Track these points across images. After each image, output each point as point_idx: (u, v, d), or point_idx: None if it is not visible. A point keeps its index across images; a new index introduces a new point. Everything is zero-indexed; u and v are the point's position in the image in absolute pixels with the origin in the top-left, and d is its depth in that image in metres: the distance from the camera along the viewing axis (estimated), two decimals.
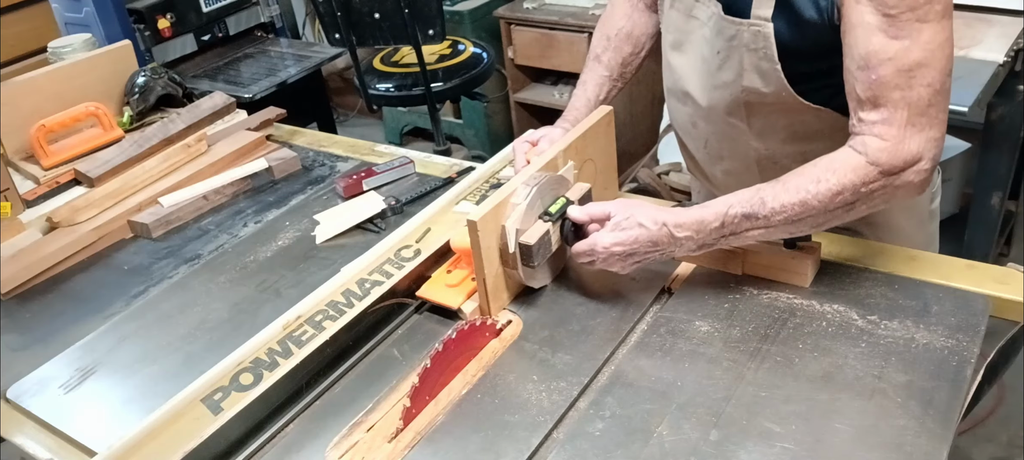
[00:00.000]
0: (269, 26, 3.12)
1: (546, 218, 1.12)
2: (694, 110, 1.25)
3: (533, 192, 1.11)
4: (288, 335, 1.12)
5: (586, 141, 1.25)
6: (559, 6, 3.22)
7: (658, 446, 0.91)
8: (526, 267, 1.11)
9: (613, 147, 1.34)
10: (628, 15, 1.38)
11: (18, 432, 1.12)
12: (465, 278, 1.18)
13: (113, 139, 1.77)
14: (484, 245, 1.08)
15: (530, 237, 1.09)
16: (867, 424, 0.90)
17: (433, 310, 1.19)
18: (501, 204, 1.09)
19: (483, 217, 1.06)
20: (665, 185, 3.00)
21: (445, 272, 1.22)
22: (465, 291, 1.17)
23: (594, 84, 1.36)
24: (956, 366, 0.97)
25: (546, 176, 1.14)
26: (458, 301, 1.16)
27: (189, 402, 1.03)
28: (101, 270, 1.45)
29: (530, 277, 1.15)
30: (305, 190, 1.62)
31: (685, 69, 1.24)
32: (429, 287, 1.20)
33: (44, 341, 1.27)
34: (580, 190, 1.18)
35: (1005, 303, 1.08)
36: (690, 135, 1.32)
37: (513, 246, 1.10)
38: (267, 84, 2.70)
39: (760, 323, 1.07)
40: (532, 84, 3.53)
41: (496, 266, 1.12)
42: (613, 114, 1.30)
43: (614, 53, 1.37)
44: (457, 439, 0.96)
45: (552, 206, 1.13)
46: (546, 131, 1.32)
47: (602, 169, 1.32)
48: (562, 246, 1.15)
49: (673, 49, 1.26)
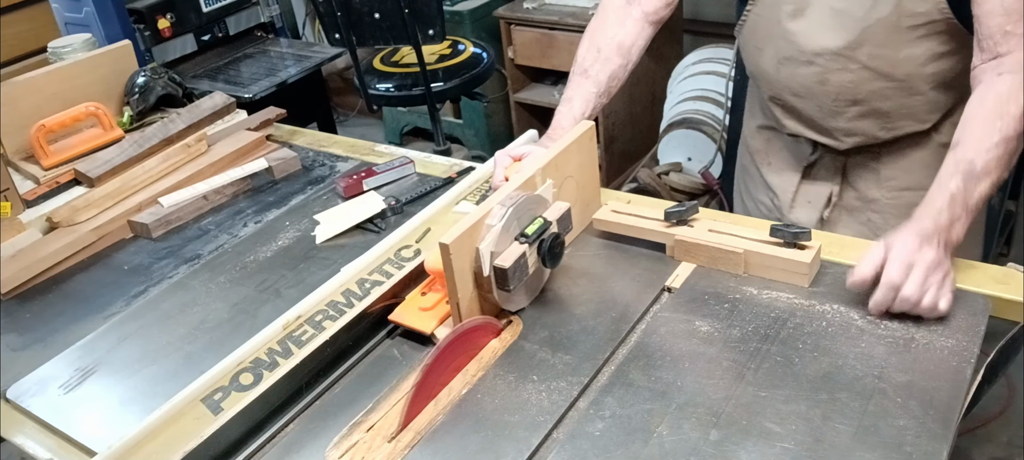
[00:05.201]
0: (269, 26, 3.12)
1: (523, 240, 1.07)
2: (825, 65, 1.27)
3: (509, 213, 1.06)
4: (288, 335, 1.12)
5: (566, 157, 1.22)
6: (559, 6, 3.22)
7: (658, 446, 0.91)
8: (502, 291, 1.07)
9: (595, 163, 1.31)
10: (621, 23, 1.36)
11: (18, 432, 1.12)
12: (439, 301, 1.13)
13: (113, 139, 1.77)
14: (457, 268, 1.03)
15: (505, 260, 1.04)
16: (867, 424, 0.90)
17: (406, 335, 1.15)
18: (475, 226, 1.05)
19: (456, 240, 1.02)
20: (665, 185, 3.00)
21: (419, 294, 1.16)
22: (439, 315, 1.12)
23: (581, 100, 1.33)
24: (956, 366, 0.97)
25: (523, 196, 1.10)
26: (431, 326, 1.11)
27: (189, 402, 1.03)
28: (101, 270, 1.45)
29: (506, 301, 1.10)
30: (305, 190, 1.62)
31: (811, 30, 1.26)
32: (402, 310, 1.15)
33: (44, 341, 1.27)
34: (559, 210, 1.14)
35: (1005, 303, 1.08)
36: (814, 94, 1.31)
37: (488, 269, 1.05)
38: (267, 84, 2.70)
39: (760, 323, 1.07)
40: (532, 84, 3.53)
41: (470, 290, 1.07)
42: (594, 129, 1.28)
43: (603, 66, 1.35)
44: (457, 439, 0.96)
45: (529, 227, 1.08)
46: (531, 150, 1.30)
47: (583, 185, 1.28)
48: (540, 268, 1.11)
49: (793, 18, 1.28)
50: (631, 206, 1.30)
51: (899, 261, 1.00)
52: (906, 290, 1.00)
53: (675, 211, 1.21)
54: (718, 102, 2.89)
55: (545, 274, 1.16)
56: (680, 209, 1.20)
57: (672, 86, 3.13)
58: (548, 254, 1.09)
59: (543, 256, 1.09)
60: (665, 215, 1.21)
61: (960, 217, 1.05)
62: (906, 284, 1.00)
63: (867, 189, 1.40)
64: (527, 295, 1.15)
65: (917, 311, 1.01)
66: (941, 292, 1.01)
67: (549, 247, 1.09)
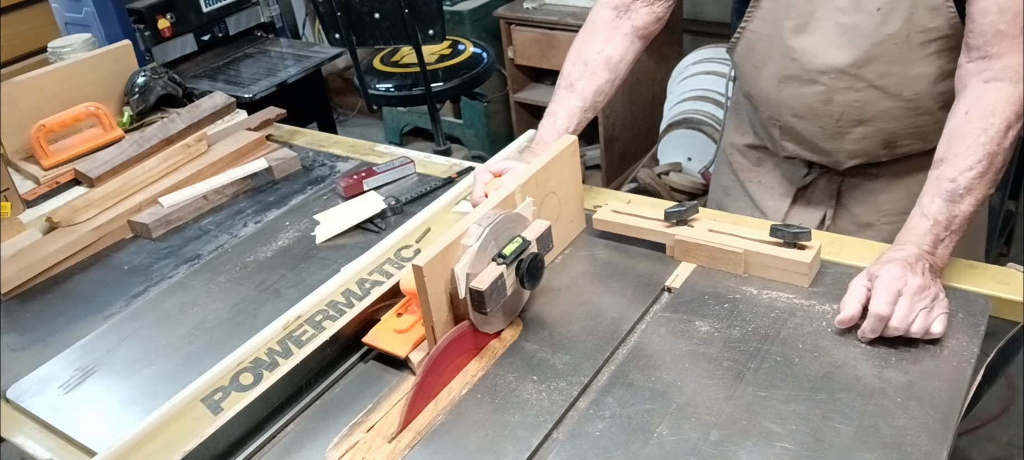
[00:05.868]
0: (269, 26, 3.12)
1: (500, 261, 1.03)
2: (830, 84, 1.23)
3: (486, 233, 1.02)
4: (288, 335, 1.12)
5: (548, 173, 1.18)
6: (559, 6, 3.22)
7: (658, 446, 0.91)
8: (478, 314, 1.03)
9: (578, 178, 1.27)
10: (609, 38, 1.32)
11: (18, 432, 1.12)
12: (415, 323, 1.08)
13: (113, 139, 1.77)
14: (431, 291, 0.99)
15: (482, 282, 1.00)
16: (867, 424, 0.90)
17: (380, 358, 1.10)
18: (450, 246, 1.01)
19: (430, 262, 0.98)
20: (665, 185, 3.00)
21: (395, 315, 1.11)
22: (413, 338, 1.07)
23: (565, 115, 1.29)
24: (956, 366, 0.97)
25: (501, 215, 1.06)
26: (405, 349, 1.06)
27: (189, 402, 1.03)
28: (101, 270, 1.45)
29: (483, 324, 1.06)
30: (305, 190, 1.62)
31: (816, 47, 1.21)
32: (376, 332, 1.10)
33: (44, 341, 1.27)
34: (539, 228, 1.09)
35: (1005, 303, 1.08)
36: (818, 114, 1.27)
37: (464, 292, 1.01)
38: (267, 84, 2.70)
39: (760, 323, 1.07)
40: (532, 84, 3.53)
41: (446, 313, 1.03)
42: (577, 144, 1.24)
43: (589, 80, 1.30)
44: (457, 439, 0.96)
45: (507, 247, 1.04)
46: (512, 165, 1.26)
47: (566, 201, 1.25)
48: (518, 289, 1.07)
49: (796, 34, 1.22)
50: (631, 206, 1.30)
51: (884, 291, 0.99)
52: (894, 320, 0.98)
53: (675, 211, 1.21)
54: (718, 102, 2.89)
55: (524, 295, 1.13)
56: (680, 209, 1.20)
57: (672, 86, 3.13)
58: (526, 274, 1.05)
59: (521, 277, 1.05)
60: (665, 215, 1.21)
61: (944, 239, 1.04)
62: (894, 314, 0.98)
63: (863, 213, 1.37)
64: (505, 318, 1.11)
65: (909, 336, 1.00)
66: (932, 316, 0.99)
67: (528, 267, 1.05)
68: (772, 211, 1.43)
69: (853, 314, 1.01)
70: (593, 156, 3.42)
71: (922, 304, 0.99)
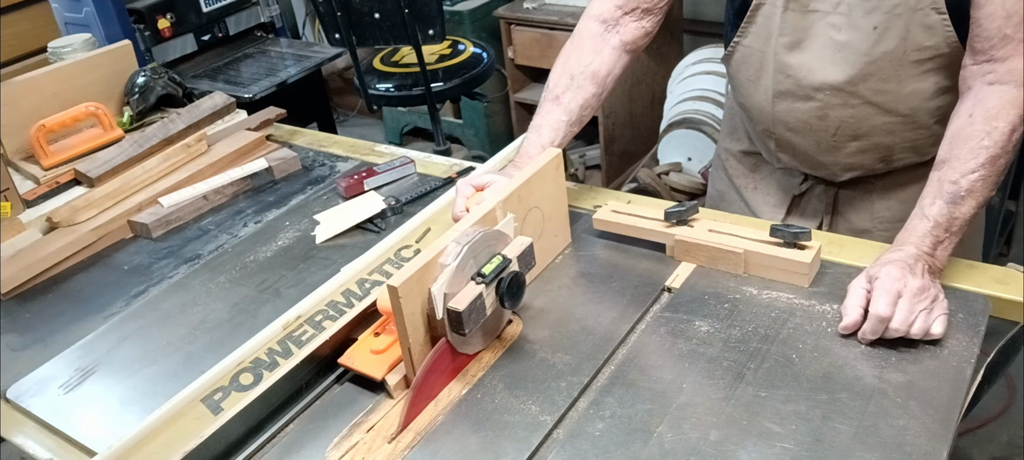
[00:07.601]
0: (269, 26, 3.12)
1: (479, 280, 1.00)
2: (825, 101, 1.22)
3: (464, 251, 0.99)
4: (288, 335, 1.12)
5: (531, 188, 1.15)
6: (559, 6, 3.23)
7: (658, 446, 0.91)
8: (456, 335, 1.00)
9: (563, 191, 1.24)
10: (597, 51, 1.29)
11: (18, 432, 1.12)
12: (393, 343, 1.05)
13: (113, 139, 1.77)
14: (407, 311, 0.96)
15: (460, 302, 0.96)
16: (867, 424, 0.90)
17: (355, 380, 1.07)
18: (428, 265, 0.97)
19: (405, 282, 0.94)
20: (665, 185, 3.00)
21: (372, 335, 1.08)
22: (390, 359, 1.04)
23: (550, 129, 1.26)
24: (956, 366, 0.97)
25: (480, 232, 1.02)
26: (382, 371, 1.03)
27: (189, 402, 1.03)
28: (101, 270, 1.45)
29: (462, 345, 1.03)
30: (305, 190, 1.62)
31: (811, 63, 1.21)
32: (353, 353, 1.07)
33: (44, 341, 1.27)
34: (520, 246, 1.06)
35: (1005, 303, 1.08)
36: (813, 129, 1.26)
37: (441, 312, 0.97)
38: (267, 84, 2.70)
39: (760, 323, 1.07)
40: (532, 84, 3.53)
41: (423, 334, 1.00)
42: (561, 157, 1.22)
43: (576, 93, 1.27)
44: (457, 439, 0.96)
45: (487, 266, 1.01)
46: (494, 179, 1.22)
47: (550, 216, 1.22)
48: (499, 309, 1.04)
49: (790, 50, 1.22)
50: (631, 206, 1.30)
51: (884, 293, 0.99)
52: (895, 322, 0.98)
53: (675, 211, 1.21)
54: (718, 102, 2.89)
55: (505, 315, 1.10)
56: (680, 209, 1.20)
57: (672, 86, 3.13)
58: (507, 294, 1.02)
59: (501, 296, 1.02)
60: (665, 215, 1.21)
61: (943, 241, 1.04)
62: (895, 315, 0.98)
63: (859, 221, 1.37)
64: (484, 338, 1.08)
65: (910, 337, 1.00)
66: (932, 317, 0.99)
67: (508, 286, 1.01)
68: (768, 218, 1.42)
69: (855, 320, 1.01)
70: (593, 156, 3.43)
71: (922, 305, 0.99)
